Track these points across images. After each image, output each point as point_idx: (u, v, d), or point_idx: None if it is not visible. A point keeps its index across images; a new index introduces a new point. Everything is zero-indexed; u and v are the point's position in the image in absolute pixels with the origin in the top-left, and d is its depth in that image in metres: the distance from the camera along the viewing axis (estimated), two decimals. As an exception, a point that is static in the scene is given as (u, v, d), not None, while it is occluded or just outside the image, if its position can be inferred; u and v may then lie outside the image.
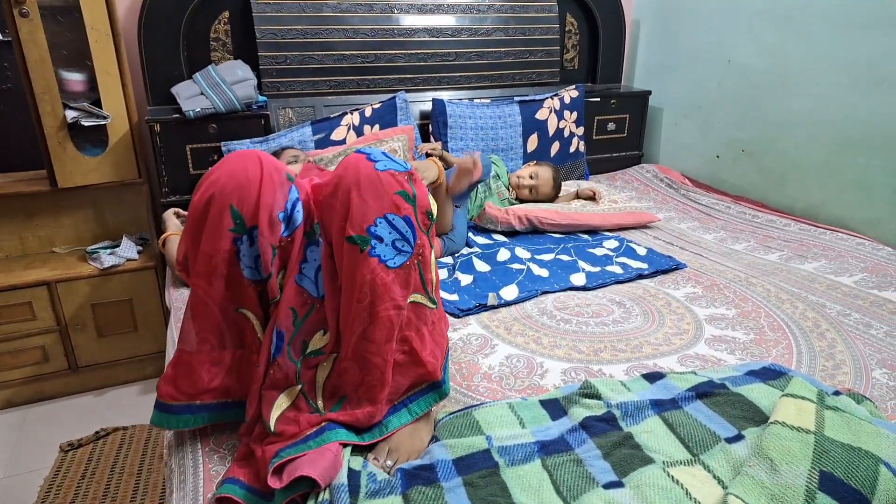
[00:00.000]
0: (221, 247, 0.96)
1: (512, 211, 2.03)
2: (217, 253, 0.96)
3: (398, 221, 1.00)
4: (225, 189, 0.96)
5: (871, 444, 0.91)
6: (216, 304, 1.00)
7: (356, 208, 0.97)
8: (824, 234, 2.02)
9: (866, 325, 1.48)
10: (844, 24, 2.04)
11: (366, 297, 0.97)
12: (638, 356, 1.34)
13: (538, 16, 2.58)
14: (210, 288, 0.99)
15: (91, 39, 2.01)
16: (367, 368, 0.99)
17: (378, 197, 0.98)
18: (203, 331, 1.01)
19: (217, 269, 0.97)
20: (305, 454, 0.92)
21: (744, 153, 2.47)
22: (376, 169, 1.00)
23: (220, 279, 0.98)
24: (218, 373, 1.03)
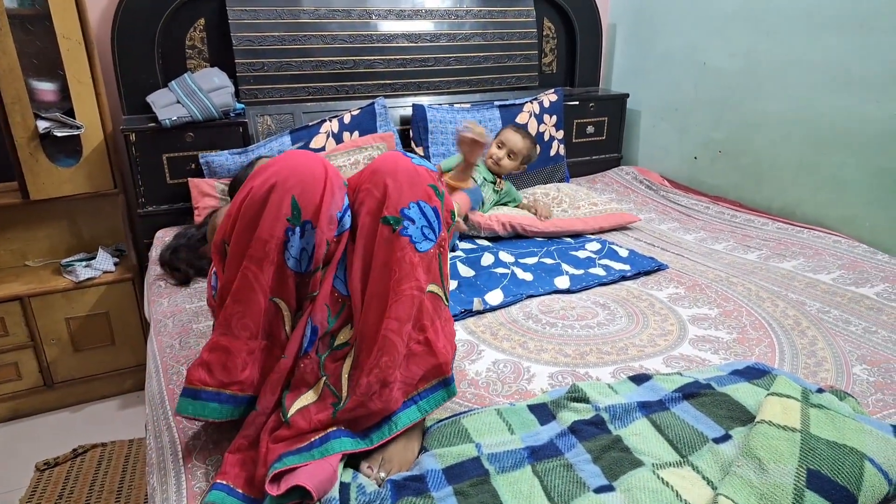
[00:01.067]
0: (276, 233, 0.99)
1: (495, 217, 2.03)
2: (272, 238, 0.99)
3: (428, 210, 1.06)
4: (288, 181, 1.00)
5: (856, 440, 0.92)
6: (263, 291, 1.01)
7: (393, 192, 1.05)
8: (801, 233, 2.05)
9: (845, 321, 1.50)
10: (814, 25, 2.08)
11: (394, 274, 1.02)
12: (624, 358, 1.35)
13: (516, 21, 2.60)
14: (261, 273, 1.00)
15: (63, 48, 1.97)
16: (386, 348, 1.00)
17: (413, 185, 1.06)
18: (245, 317, 1.02)
19: (270, 255, 1.00)
20: (308, 464, 0.92)
21: (721, 154, 2.50)
22: (413, 163, 1.09)
23: (272, 266, 1.01)
24: (250, 362, 1.03)
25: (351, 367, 1.04)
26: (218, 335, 1.03)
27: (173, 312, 1.61)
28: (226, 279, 1.04)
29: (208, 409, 1.01)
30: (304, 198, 1.00)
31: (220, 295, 1.07)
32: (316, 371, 1.04)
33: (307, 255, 1.02)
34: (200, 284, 1.77)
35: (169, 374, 1.34)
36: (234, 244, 1.03)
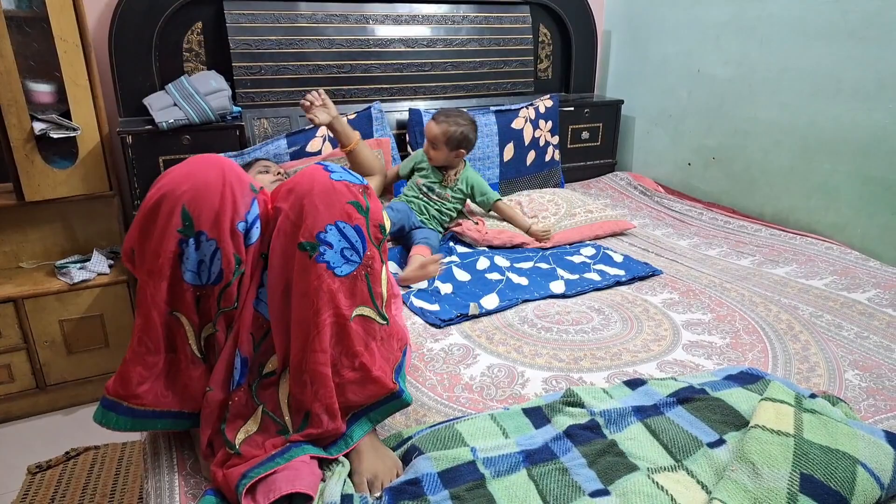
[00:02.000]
0: (167, 247, 0.94)
1: (492, 233, 2.03)
2: (163, 252, 0.95)
3: (348, 230, 0.99)
4: (178, 189, 0.94)
5: (849, 445, 0.93)
6: (157, 307, 0.97)
7: (308, 214, 0.97)
8: (794, 239, 2.07)
9: (838, 326, 1.52)
10: (806, 34, 2.11)
11: (313, 304, 0.96)
12: (618, 363, 1.36)
13: (512, 27, 2.61)
14: (156, 288, 0.96)
15: (60, 50, 1.96)
16: (318, 381, 0.97)
17: (330, 205, 0.98)
18: (145, 331, 0.99)
19: (163, 270, 0.95)
20: (276, 471, 0.91)
21: (714, 160, 2.53)
22: (331, 178, 1.00)
23: (164, 280, 0.96)
24: (149, 378, 1.00)
25: (288, 395, 1.01)
26: (128, 351, 1.02)
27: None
28: (140, 282, 1.00)
29: (106, 417, 1.01)
30: (197, 206, 0.94)
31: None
32: (251, 402, 1.01)
33: (206, 267, 0.97)
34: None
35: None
36: (137, 255, 1.00)
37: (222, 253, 0.96)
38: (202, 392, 1.02)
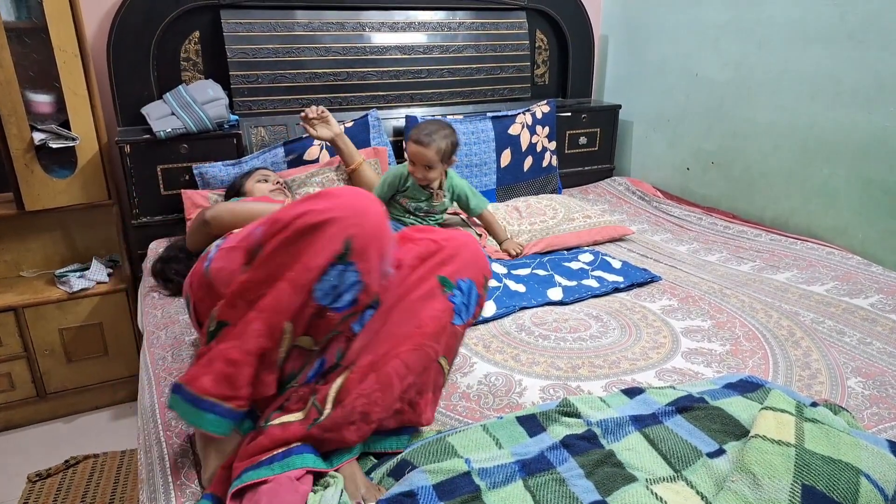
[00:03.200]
0: (319, 263, 1.00)
1: (489, 248, 2.02)
2: (315, 269, 1.00)
3: (474, 293, 1.17)
4: (348, 220, 1.01)
5: (851, 455, 0.92)
6: (289, 313, 1.01)
7: (459, 260, 1.16)
8: (795, 245, 2.06)
9: (839, 332, 1.51)
10: (804, 37, 2.10)
11: (425, 328, 1.08)
12: (616, 371, 1.35)
13: (509, 32, 2.61)
14: (295, 297, 1.00)
15: (59, 60, 1.97)
16: (384, 385, 1.03)
17: (476, 266, 1.18)
18: (262, 336, 1.00)
19: (308, 285, 1.00)
20: (266, 481, 0.92)
21: (713, 164, 2.52)
22: (481, 249, 1.24)
23: (305, 293, 1.01)
24: (251, 380, 1.02)
25: (340, 387, 1.03)
26: (229, 345, 1.00)
27: (166, 324, 1.60)
28: (251, 282, 1.02)
29: (205, 420, 0.99)
30: (361, 242, 1.01)
31: (238, 295, 1.02)
32: (307, 396, 1.04)
33: (338, 294, 1.02)
34: (194, 296, 1.76)
35: (161, 386, 1.33)
36: (271, 253, 1.02)
37: (365, 288, 1.04)
38: (264, 397, 1.05)
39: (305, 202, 1.03)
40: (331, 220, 1.00)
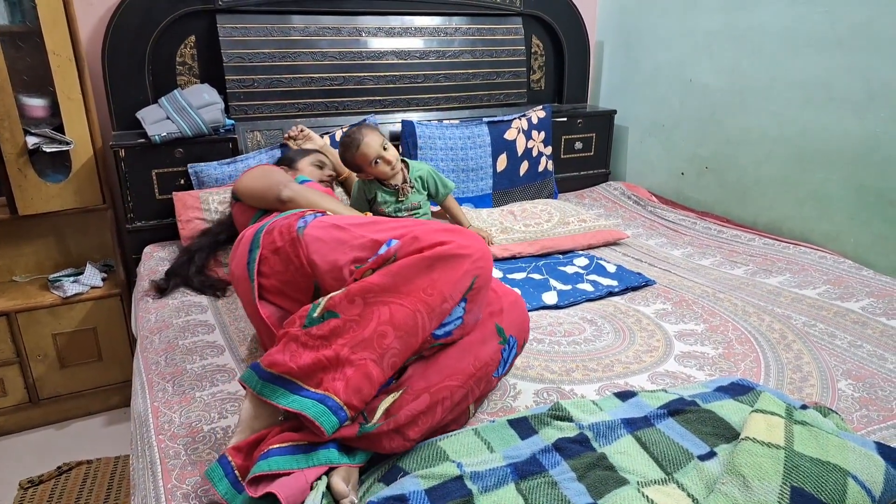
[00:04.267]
0: (454, 297, 1.09)
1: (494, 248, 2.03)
2: (450, 300, 1.08)
3: (514, 351, 1.23)
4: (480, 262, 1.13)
5: (839, 457, 0.93)
6: (423, 336, 1.07)
7: (513, 318, 1.24)
8: (788, 249, 2.07)
9: (831, 335, 1.52)
10: (796, 44, 2.12)
11: (476, 371, 1.13)
12: (609, 375, 1.35)
13: (505, 38, 2.63)
14: (430, 322, 1.07)
15: (53, 64, 1.97)
16: (430, 411, 1.06)
17: (522, 329, 1.27)
18: (397, 356, 1.04)
19: (443, 313, 1.09)
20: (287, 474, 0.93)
21: (707, 170, 2.53)
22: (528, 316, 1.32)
23: (438, 320, 1.08)
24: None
25: (391, 403, 1.05)
26: (368, 361, 1.01)
27: (160, 328, 1.60)
28: (378, 286, 1.06)
29: (328, 421, 0.97)
30: (479, 284, 1.13)
31: (359, 293, 1.05)
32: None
33: (444, 323, 1.11)
34: (189, 298, 1.76)
35: (154, 391, 1.33)
36: (405, 267, 1.07)
37: (463, 325, 1.13)
38: None
39: (443, 233, 1.12)
40: (468, 257, 1.09)
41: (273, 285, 1.29)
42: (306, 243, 1.24)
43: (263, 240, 1.33)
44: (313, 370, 1.00)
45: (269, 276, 1.29)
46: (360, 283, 1.07)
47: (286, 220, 1.35)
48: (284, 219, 1.36)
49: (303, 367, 1.00)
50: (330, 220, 1.31)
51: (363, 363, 1.00)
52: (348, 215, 1.46)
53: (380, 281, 1.06)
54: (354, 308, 1.04)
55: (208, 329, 1.60)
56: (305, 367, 1.00)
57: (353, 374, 1.00)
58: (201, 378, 1.36)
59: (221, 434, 1.16)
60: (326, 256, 1.21)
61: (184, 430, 1.18)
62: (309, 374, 1.00)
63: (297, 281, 1.26)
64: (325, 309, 1.05)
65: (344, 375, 0.99)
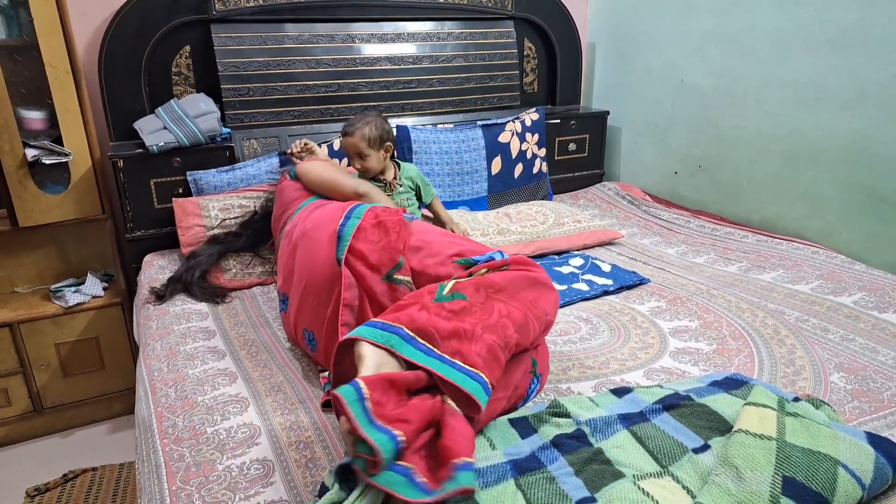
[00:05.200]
0: (553, 313, 1.25)
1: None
2: (552, 314, 1.25)
3: (535, 390, 1.28)
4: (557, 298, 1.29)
5: (830, 447, 0.95)
6: (529, 341, 1.17)
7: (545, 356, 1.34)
8: (781, 245, 2.10)
9: (823, 329, 1.54)
10: (787, 44, 2.15)
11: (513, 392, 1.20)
12: (605, 372, 1.37)
13: (497, 42, 2.66)
14: (539, 328, 1.20)
15: (50, 77, 1.99)
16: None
17: (548, 365, 1.36)
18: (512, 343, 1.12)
19: (547, 323, 1.24)
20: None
21: (700, 169, 2.56)
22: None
23: (542, 328, 1.22)
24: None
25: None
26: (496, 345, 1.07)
27: (161, 335, 1.62)
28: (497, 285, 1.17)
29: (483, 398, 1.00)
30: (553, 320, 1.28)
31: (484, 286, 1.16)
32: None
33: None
34: (189, 305, 1.78)
35: (158, 396, 1.35)
36: (517, 277, 1.21)
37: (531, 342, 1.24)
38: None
39: (534, 264, 1.27)
40: (554, 289, 1.26)
41: (361, 249, 1.35)
42: (412, 231, 1.41)
43: (367, 214, 1.45)
44: (451, 336, 1.05)
45: (361, 241, 1.37)
46: (482, 278, 1.18)
47: (386, 210, 1.48)
48: (384, 208, 1.50)
49: (441, 330, 1.05)
50: (433, 226, 1.53)
51: (493, 344, 1.07)
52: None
53: (498, 281, 1.18)
54: (479, 296, 1.13)
55: (209, 335, 1.62)
56: (444, 332, 1.05)
57: (488, 353, 1.06)
58: (203, 382, 1.38)
59: (224, 434, 1.19)
60: (432, 245, 1.37)
61: (187, 434, 1.20)
62: (446, 338, 1.05)
63: (386, 252, 1.34)
64: (454, 290, 1.14)
65: (478, 351, 1.05)
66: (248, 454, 1.14)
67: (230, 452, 1.14)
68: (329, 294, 1.34)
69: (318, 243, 1.42)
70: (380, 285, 1.31)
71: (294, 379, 1.40)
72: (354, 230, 1.38)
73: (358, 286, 1.32)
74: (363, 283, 1.32)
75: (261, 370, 1.44)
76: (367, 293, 1.33)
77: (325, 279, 1.36)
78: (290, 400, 1.31)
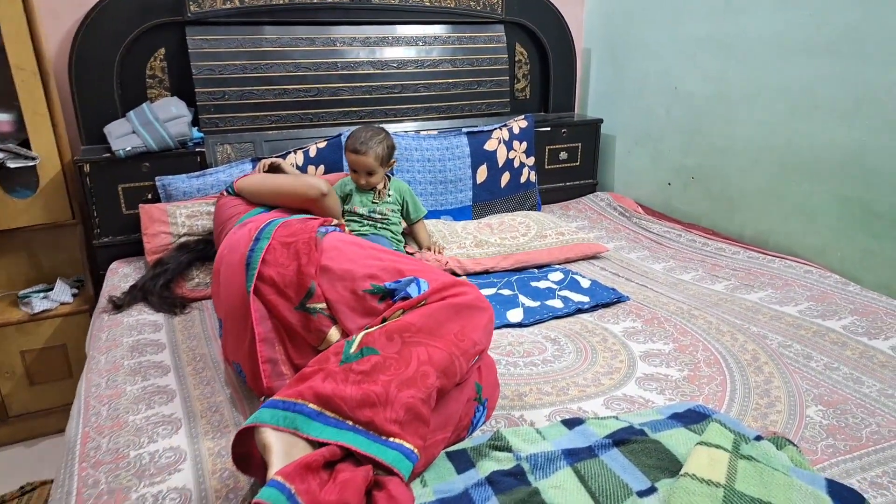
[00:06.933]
0: (484, 340, 1.15)
1: (454, 259, 1.96)
2: (480, 344, 1.13)
3: (482, 420, 1.19)
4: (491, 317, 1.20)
5: (782, 497, 0.85)
6: (457, 378, 1.08)
7: (492, 380, 1.26)
8: (773, 263, 1.98)
9: (806, 356, 1.42)
10: (783, 51, 2.03)
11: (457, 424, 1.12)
12: (563, 399, 1.27)
13: (486, 46, 2.57)
14: (465, 363, 1.09)
15: (17, 79, 1.95)
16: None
17: (494, 395, 1.26)
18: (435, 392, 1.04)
19: (475, 353, 1.13)
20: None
21: (693, 180, 2.44)
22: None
23: (469, 363, 1.11)
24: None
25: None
26: (417, 400, 0.98)
27: (108, 347, 1.56)
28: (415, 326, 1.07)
29: (406, 468, 0.94)
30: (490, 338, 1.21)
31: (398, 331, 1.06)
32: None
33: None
34: (145, 316, 1.72)
35: (89, 414, 1.29)
36: (438, 310, 1.10)
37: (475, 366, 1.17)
38: None
39: (459, 284, 1.17)
40: (486, 310, 1.16)
41: (270, 275, 1.25)
42: (323, 248, 1.28)
43: (277, 231, 1.33)
44: (361, 405, 0.96)
45: (270, 265, 1.27)
46: (397, 322, 1.08)
47: (304, 221, 1.37)
48: (301, 220, 1.38)
49: (349, 400, 0.96)
50: (350, 237, 1.35)
51: (412, 402, 0.97)
52: (364, 239, 1.48)
53: (416, 321, 1.07)
54: (393, 346, 1.03)
55: (158, 348, 1.55)
56: (353, 401, 0.96)
57: (406, 414, 0.96)
58: (139, 400, 1.32)
59: (147, 459, 1.12)
60: (342, 264, 1.24)
61: (109, 457, 1.14)
62: (355, 407, 0.96)
63: (295, 278, 1.24)
64: (363, 345, 1.03)
65: (394, 416, 0.95)
66: (168, 482, 1.07)
67: (148, 479, 1.07)
68: (245, 325, 1.24)
69: (233, 269, 1.31)
70: (293, 315, 1.22)
71: (235, 399, 1.32)
72: (263, 253, 1.27)
73: (271, 317, 1.23)
74: (276, 313, 1.23)
75: (202, 388, 1.37)
76: (282, 324, 1.23)
77: (240, 309, 1.25)
78: (226, 422, 1.24)
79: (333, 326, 1.20)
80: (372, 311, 1.19)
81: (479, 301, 1.16)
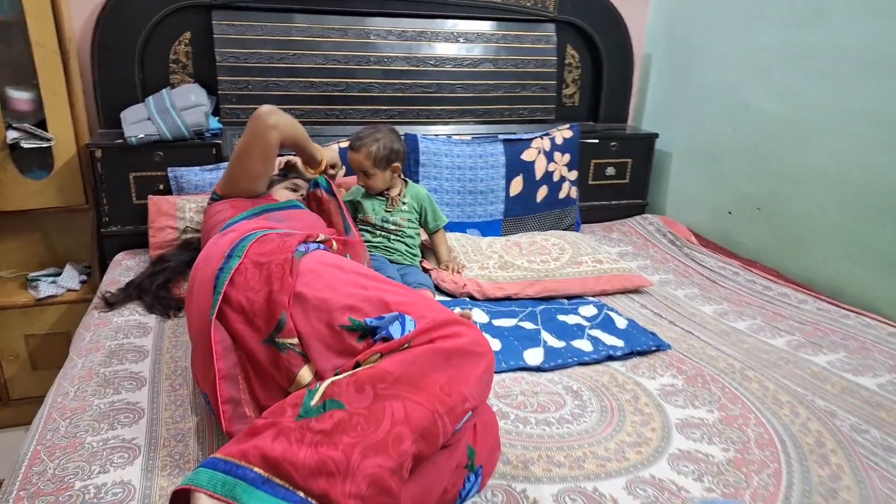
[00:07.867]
0: (477, 396, 0.98)
1: (473, 281, 1.77)
2: (472, 399, 0.96)
3: (474, 490, 1.00)
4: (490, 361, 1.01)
5: None
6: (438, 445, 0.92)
7: (490, 443, 1.05)
8: (847, 318, 1.70)
9: (888, 448, 1.16)
10: (871, 69, 1.74)
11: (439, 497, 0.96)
12: (577, 475, 1.06)
13: (534, 46, 2.36)
14: (450, 424, 0.92)
15: (37, 57, 1.87)
16: None
17: (492, 460, 1.06)
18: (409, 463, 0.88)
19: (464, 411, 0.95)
20: None
21: (759, 211, 2.16)
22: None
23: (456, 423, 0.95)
24: None
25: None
26: (385, 471, 0.82)
27: (89, 350, 1.45)
28: (392, 375, 0.91)
29: None
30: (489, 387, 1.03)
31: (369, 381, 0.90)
32: None
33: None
34: (136, 317, 1.60)
35: (47, 429, 1.17)
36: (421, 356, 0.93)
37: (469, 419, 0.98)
38: None
39: (455, 324, 0.99)
40: (484, 356, 0.98)
41: (239, 300, 1.07)
42: (299, 272, 1.08)
43: (251, 248, 1.14)
44: (316, 473, 0.80)
45: (239, 288, 1.08)
46: (372, 369, 0.92)
47: (283, 237, 1.17)
48: (281, 236, 1.18)
49: (302, 467, 0.80)
50: (333, 258, 1.17)
51: (378, 474, 0.82)
52: (350, 261, 1.25)
53: (394, 369, 0.91)
54: (363, 399, 0.88)
55: (140, 356, 1.43)
56: (306, 468, 0.80)
57: (369, 489, 0.80)
58: (104, 417, 1.20)
59: (93, 493, 0.99)
60: (318, 291, 1.05)
61: (51, 486, 1.01)
62: (308, 476, 0.80)
63: (265, 306, 1.06)
64: (326, 397, 0.88)
65: (355, 491, 0.80)
66: (106, 526, 0.92)
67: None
68: (209, 354, 1.06)
69: (203, 287, 1.13)
70: (261, 349, 1.04)
71: (205, 426, 1.18)
72: (232, 273, 1.09)
73: (237, 349, 1.06)
74: (243, 345, 1.05)
75: (173, 410, 1.23)
76: (248, 357, 1.06)
77: (204, 336, 1.08)
78: (187, 457, 1.09)
79: (305, 366, 1.02)
80: (350, 350, 1.00)
81: (475, 345, 0.98)
